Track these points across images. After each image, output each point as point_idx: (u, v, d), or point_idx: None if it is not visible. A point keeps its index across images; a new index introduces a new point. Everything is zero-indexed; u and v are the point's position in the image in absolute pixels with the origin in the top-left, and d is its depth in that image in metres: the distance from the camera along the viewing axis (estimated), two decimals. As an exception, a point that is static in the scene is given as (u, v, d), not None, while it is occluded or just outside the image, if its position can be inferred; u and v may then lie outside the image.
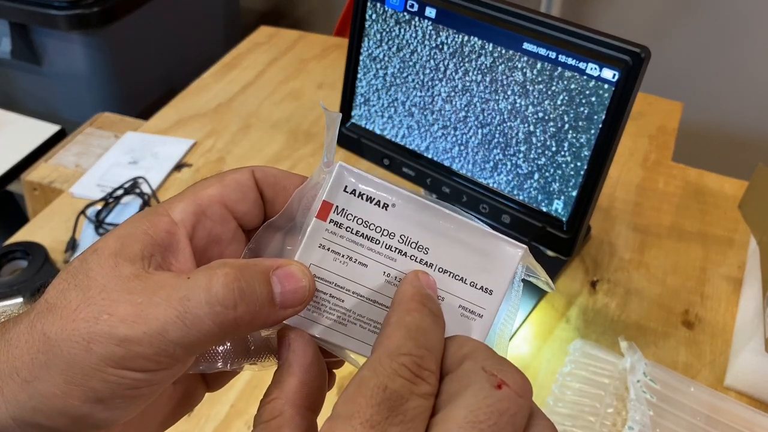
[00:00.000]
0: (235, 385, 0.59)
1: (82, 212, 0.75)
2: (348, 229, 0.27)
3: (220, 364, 0.27)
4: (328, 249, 0.27)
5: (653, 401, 0.56)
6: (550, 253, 0.58)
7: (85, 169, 0.84)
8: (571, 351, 0.61)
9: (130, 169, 0.83)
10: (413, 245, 0.27)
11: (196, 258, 0.26)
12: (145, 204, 0.77)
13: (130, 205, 0.77)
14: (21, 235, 0.74)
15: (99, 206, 0.76)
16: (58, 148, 0.89)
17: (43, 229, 0.74)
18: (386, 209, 0.27)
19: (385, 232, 0.27)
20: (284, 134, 0.91)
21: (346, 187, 0.27)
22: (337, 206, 0.27)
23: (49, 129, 1.01)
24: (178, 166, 0.84)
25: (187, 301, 0.22)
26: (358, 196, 0.27)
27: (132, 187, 0.78)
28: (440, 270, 0.27)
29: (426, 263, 0.27)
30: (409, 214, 0.27)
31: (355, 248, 0.27)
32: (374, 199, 0.27)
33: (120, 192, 0.77)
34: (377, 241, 0.27)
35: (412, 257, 0.27)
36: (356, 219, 0.27)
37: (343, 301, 0.27)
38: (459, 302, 0.27)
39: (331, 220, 0.27)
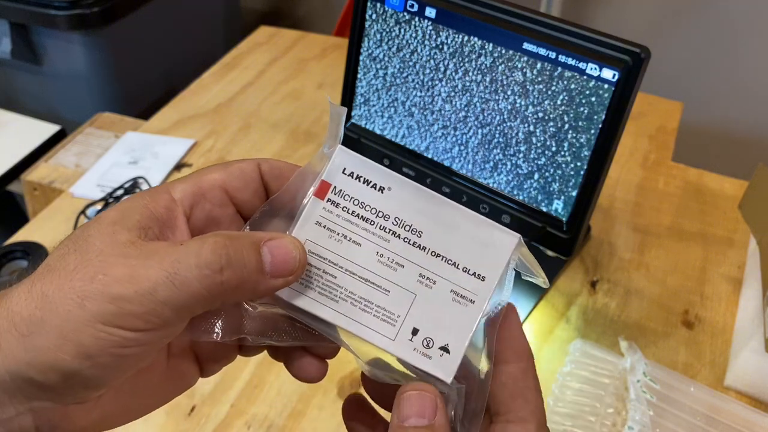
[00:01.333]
0: (235, 385, 0.59)
1: (83, 212, 0.75)
2: (344, 208, 0.28)
3: (214, 335, 0.28)
4: (324, 226, 0.28)
5: (653, 401, 0.56)
6: (550, 252, 0.58)
7: (85, 169, 0.84)
8: (571, 351, 0.61)
9: (130, 169, 0.83)
10: (407, 228, 0.28)
11: (193, 236, 0.27)
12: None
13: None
14: (21, 235, 0.74)
15: (99, 206, 0.76)
16: (58, 148, 0.89)
17: (43, 229, 0.74)
18: (382, 192, 0.28)
19: (380, 214, 0.28)
20: (284, 134, 0.91)
21: (344, 169, 0.28)
22: (335, 186, 0.28)
23: (49, 129, 1.01)
24: (178, 166, 0.84)
25: (177, 263, 0.23)
26: (355, 179, 0.28)
27: (132, 187, 0.78)
28: (433, 254, 0.28)
29: (419, 246, 0.28)
30: (405, 198, 0.28)
31: (350, 227, 0.28)
32: (371, 182, 0.28)
33: (120, 192, 0.77)
34: (372, 222, 0.28)
35: (406, 239, 0.28)
36: (353, 200, 0.28)
37: (335, 277, 0.28)
38: (451, 287, 0.28)
39: (329, 200, 0.28)
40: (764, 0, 1.29)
